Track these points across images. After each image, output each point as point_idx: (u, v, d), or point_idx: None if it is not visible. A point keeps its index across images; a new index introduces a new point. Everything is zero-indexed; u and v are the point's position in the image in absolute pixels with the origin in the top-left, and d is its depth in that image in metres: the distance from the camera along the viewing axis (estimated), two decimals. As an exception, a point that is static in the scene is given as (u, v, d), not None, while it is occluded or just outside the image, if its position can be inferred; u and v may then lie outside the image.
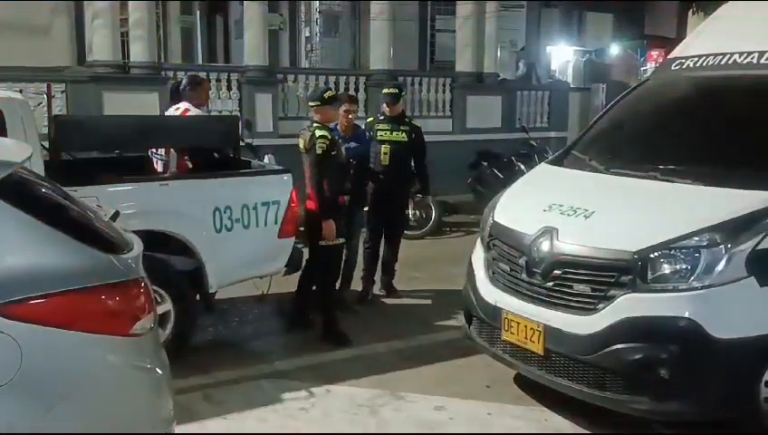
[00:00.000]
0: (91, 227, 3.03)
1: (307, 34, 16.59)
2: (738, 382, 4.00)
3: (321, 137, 5.72)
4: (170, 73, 11.05)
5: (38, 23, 12.01)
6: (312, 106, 5.98)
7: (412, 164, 7.14)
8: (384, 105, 7.11)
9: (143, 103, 10.05)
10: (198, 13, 17.89)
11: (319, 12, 16.38)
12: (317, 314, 6.05)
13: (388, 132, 6.94)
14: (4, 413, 2.48)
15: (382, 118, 7.09)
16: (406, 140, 6.95)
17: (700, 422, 4.17)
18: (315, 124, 5.86)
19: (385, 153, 6.89)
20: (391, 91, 7.11)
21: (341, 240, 5.95)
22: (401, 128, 6.97)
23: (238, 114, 10.92)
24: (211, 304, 5.59)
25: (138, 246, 3.10)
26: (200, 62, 16.66)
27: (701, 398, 4.02)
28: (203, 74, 9.79)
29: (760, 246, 3.94)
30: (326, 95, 5.95)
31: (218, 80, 11.46)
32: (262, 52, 11.92)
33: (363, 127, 7.04)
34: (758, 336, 3.92)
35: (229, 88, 11.60)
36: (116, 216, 3.42)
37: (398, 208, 7.18)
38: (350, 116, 6.66)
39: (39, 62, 10.77)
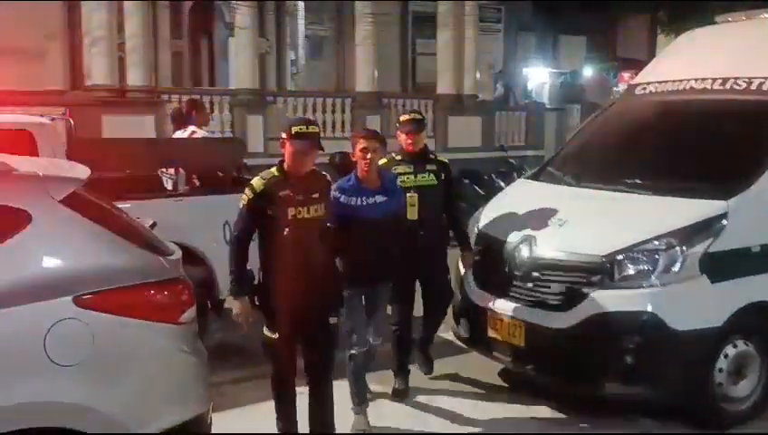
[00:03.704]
0: (142, 235, 3.55)
1: (293, 57, 17.16)
2: (694, 369, 4.58)
3: (249, 186, 4.17)
4: (165, 96, 11.54)
5: (33, 48, 12.44)
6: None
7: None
8: (403, 136, 5.21)
9: (141, 126, 10.52)
10: (186, 37, 18.40)
11: (305, 36, 16.97)
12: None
13: (412, 176, 5.12)
14: (79, 386, 2.99)
15: (400, 158, 5.21)
16: (436, 183, 5.19)
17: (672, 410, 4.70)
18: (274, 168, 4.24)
19: (411, 205, 5.06)
20: (414, 116, 5.30)
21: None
22: (428, 168, 5.18)
23: (231, 135, 11.43)
24: (221, 310, 6.07)
25: (178, 252, 3.63)
26: (186, 85, 17.14)
27: (662, 383, 4.56)
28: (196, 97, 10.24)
29: (711, 249, 4.57)
30: (294, 129, 4.11)
31: (210, 102, 11.95)
32: (252, 76, 12.47)
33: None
34: (711, 328, 4.52)
35: (221, 110, 12.13)
36: (153, 226, 3.94)
37: (439, 273, 5.38)
38: (367, 156, 4.57)
39: (34, 86, 11.16)
